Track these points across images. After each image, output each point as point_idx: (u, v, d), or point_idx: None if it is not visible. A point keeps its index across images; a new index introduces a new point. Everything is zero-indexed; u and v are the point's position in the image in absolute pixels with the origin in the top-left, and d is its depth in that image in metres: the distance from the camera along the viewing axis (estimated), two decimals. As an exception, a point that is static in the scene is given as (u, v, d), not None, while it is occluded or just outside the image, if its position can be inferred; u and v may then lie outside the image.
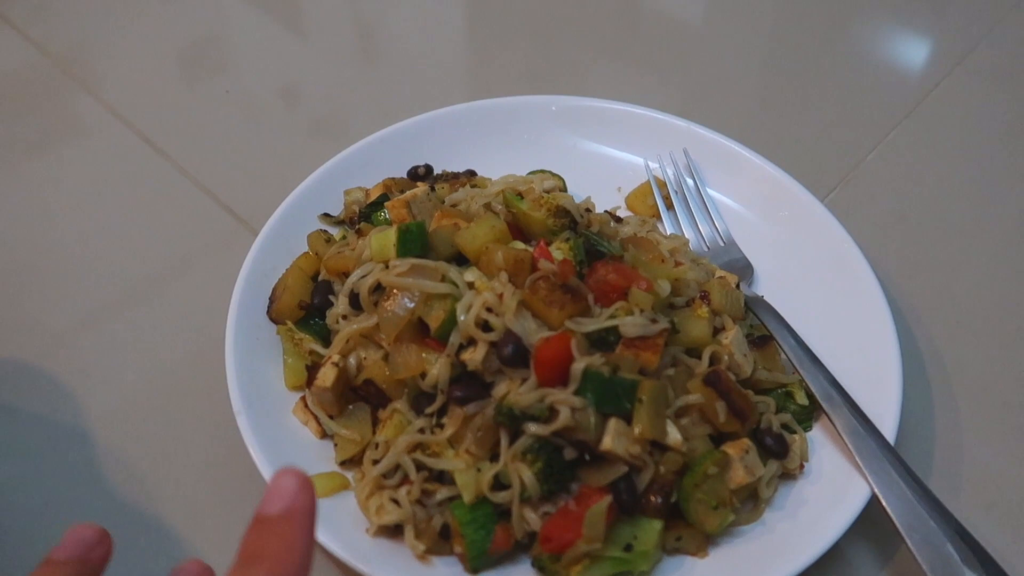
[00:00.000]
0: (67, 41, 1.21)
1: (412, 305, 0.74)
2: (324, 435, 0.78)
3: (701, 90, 1.19)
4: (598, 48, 1.24)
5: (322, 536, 0.69)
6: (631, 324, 0.72)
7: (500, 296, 0.72)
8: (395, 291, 0.74)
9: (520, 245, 0.78)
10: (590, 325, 0.72)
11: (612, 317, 0.72)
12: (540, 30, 1.26)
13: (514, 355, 0.70)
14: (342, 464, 0.76)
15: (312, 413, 0.78)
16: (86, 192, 1.04)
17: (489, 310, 0.72)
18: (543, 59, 1.23)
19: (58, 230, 1.00)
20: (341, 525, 0.71)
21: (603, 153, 1.02)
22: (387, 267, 0.76)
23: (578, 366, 0.69)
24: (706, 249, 0.93)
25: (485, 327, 0.72)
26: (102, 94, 1.14)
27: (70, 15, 1.24)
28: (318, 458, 0.76)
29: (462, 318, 0.72)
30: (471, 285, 0.74)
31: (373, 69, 1.23)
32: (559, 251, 0.77)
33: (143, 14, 1.26)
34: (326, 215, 0.93)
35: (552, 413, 0.69)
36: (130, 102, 1.13)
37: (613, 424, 0.69)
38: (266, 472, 0.72)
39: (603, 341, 0.72)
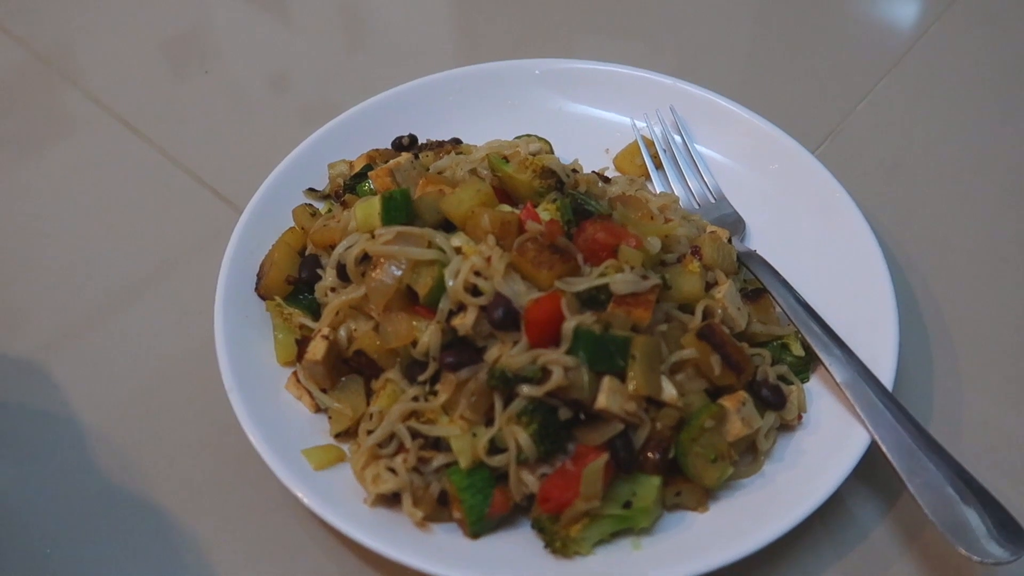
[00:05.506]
0: (51, 37, 1.20)
1: (399, 273, 0.73)
2: (318, 409, 0.77)
3: (690, 47, 1.17)
4: (586, 9, 1.22)
5: (320, 508, 0.68)
6: (621, 281, 0.71)
7: (488, 259, 0.71)
8: (382, 260, 0.74)
9: (507, 208, 0.77)
10: (580, 284, 0.71)
11: (602, 275, 0.72)
12: (527, 4, 1.24)
13: (504, 318, 0.69)
14: (337, 436, 0.76)
15: (305, 387, 0.77)
16: (77, 184, 1.02)
17: (477, 274, 0.71)
18: (531, 31, 1.21)
19: (50, 221, 0.99)
20: (339, 497, 0.71)
21: (589, 115, 1.00)
22: (373, 236, 0.75)
23: (569, 325, 0.68)
24: (697, 206, 0.92)
25: (474, 291, 0.71)
26: (89, 88, 1.12)
27: (53, 11, 1.23)
28: (312, 432, 0.76)
29: (451, 283, 0.71)
30: (458, 250, 0.73)
31: (360, 51, 1.21)
32: (546, 212, 0.76)
33: (126, 4, 1.24)
34: (311, 190, 0.91)
35: (545, 374, 0.68)
36: (117, 94, 1.11)
37: (607, 382, 0.68)
38: (260, 448, 0.71)
39: (594, 300, 0.71)
